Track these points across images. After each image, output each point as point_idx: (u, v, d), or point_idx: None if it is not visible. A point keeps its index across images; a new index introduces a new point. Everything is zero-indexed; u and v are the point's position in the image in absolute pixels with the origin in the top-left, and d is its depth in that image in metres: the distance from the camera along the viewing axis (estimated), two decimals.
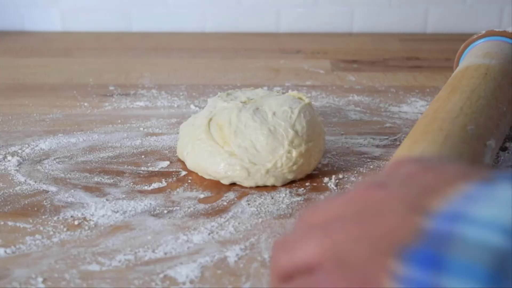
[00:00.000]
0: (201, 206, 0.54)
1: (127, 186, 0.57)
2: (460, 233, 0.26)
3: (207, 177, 0.58)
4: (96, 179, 0.58)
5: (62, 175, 0.59)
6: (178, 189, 0.57)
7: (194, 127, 0.60)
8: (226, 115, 0.59)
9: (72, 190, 0.56)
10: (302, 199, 0.55)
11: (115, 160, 0.62)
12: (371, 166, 0.61)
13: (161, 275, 0.44)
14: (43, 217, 0.52)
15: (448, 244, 0.25)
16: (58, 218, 0.52)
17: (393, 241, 0.27)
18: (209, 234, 0.50)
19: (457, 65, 0.70)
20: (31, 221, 0.51)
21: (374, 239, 0.28)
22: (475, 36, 0.69)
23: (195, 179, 0.58)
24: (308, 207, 0.34)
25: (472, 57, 0.64)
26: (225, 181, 0.57)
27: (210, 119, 0.60)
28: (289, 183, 0.58)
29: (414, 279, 0.26)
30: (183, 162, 0.61)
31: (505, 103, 0.57)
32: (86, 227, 0.51)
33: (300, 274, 0.31)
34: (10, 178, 0.58)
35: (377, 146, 0.65)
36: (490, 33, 0.68)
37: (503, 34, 0.67)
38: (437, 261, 0.25)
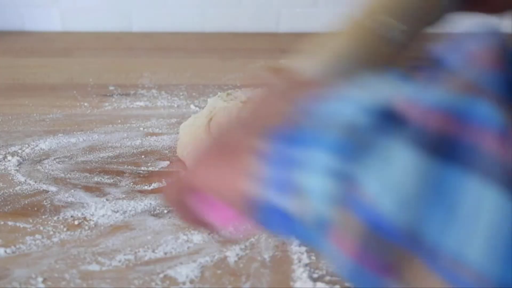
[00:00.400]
0: None
1: (127, 186, 0.57)
2: (320, 112, 0.28)
3: None
4: (96, 179, 0.58)
5: (62, 175, 0.59)
6: None
7: (195, 127, 0.60)
8: (227, 115, 0.59)
9: (72, 190, 0.56)
10: None
11: (115, 160, 0.62)
12: None
13: (161, 275, 0.44)
14: (43, 217, 0.52)
15: (310, 122, 0.28)
16: (58, 218, 0.52)
17: (264, 125, 0.30)
18: (209, 234, 0.50)
19: None
20: (31, 221, 0.51)
21: (255, 120, 0.32)
22: None
23: None
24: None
25: None
26: None
27: (211, 119, 0.60)
28: None
29: (274, 152, 0.28)
30: (183, 162, 0.61)
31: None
32: (86, 227, 0.51)
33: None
34: (10, 178, 0.58)
35: None
36: None
37: None
38: (293, 136, 0.28)
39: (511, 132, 0.23)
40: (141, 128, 0.69)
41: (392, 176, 0.24)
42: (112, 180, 0.58)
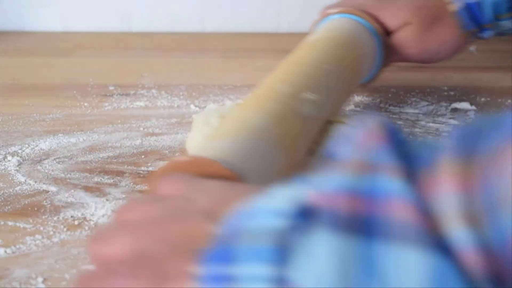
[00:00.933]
0: None
1: (127, 186, 0.57)
2: (244, 227, 0.29)
3: None
4: (96, 179, 0.58)
5: (62, 175, 0.59)
6: None
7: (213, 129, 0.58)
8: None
9: (72, 190, 0.56)
10: None
11: (115, 160, 0.62)
12: None
13: None
14: (43, 217, 0.52)
15: (236, 239, 0.29)
16: (58, 218, 0.52)
17: (190, 245, 0.31)
18: None
19: None
20: (31, 221, 0.51)
21: (173, 241, 0.32)
22: (333, 10, 0.71)
23: None
24: (124, 204, 0.38)
25: (330, 30, 0.67)
26: None
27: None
28: None
29: (211, 276, 0.29)
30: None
31: (332, 65, 0.59)
32: (86, 227, 0.51)
33: (107, 265, 0.34)
34: (10, 178, 0.58)
35: None
36: (347, 11, 0.70)
37: (357, 13, 0.69)
38: (228, 255, 0.28)
39: (413, 196, 0.25)
40: (141, 128, 0.69)
41: (318, 266, 0.26)
42: (112, 180, 0.58)
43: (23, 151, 0.64)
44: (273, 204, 0.29)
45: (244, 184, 0.40)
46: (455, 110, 0.75)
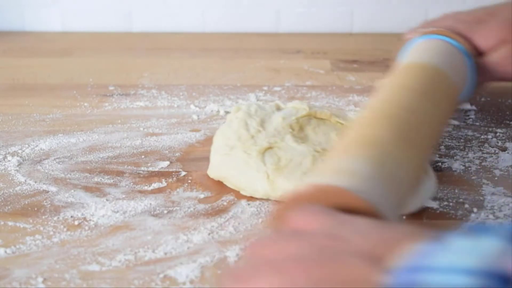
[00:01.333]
0: (201, 206, 0.54)
1: (127, 186, 0.57)
2: (423, 281, 0.26)
3: (229, 185, 0.57)
4: (96, 179, 0.58)
5: (62, 175, 0.59)
6: (178, 189, 0.57)
7: (246, 140, 0.57)
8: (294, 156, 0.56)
9: (72, 190, 0.56)
10: None
11: (115, 160, 0.62)
12: None
13: (161, 275, 0.44)
14: (43, 217, 0.52)
15: None
16: (58, 218, 0.52)
17: None
18: (209, 234, 0.50)
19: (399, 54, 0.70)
20: (31, 221, 0.51)
21: (333, 284, 0.28)
22: (422, 30, 0.69)
23: (195, 179, 0.58)
24: (257, 240, 0.35)
25: (425, 52, 0.62)
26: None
27: (267, 148, 0.56)
28: None
29: None
30: (183, 162, 0.61)
31: (443, 115, 0.55)
32: (86, 227, 0.51)
33: None
34: (10, 178, 0.58)
35: None
36: (436, 32, 0.67)
37: (447, 34, 0.66)
38: None
39: None
40: (141, 128, 0.69)
41: None
42: (112, 180, 0.58)
43: (23, 151, 0.64)
44: (456, 259, 0.26)
45: (397, 224, 0.36)
46: (455, 110, 0.75)
